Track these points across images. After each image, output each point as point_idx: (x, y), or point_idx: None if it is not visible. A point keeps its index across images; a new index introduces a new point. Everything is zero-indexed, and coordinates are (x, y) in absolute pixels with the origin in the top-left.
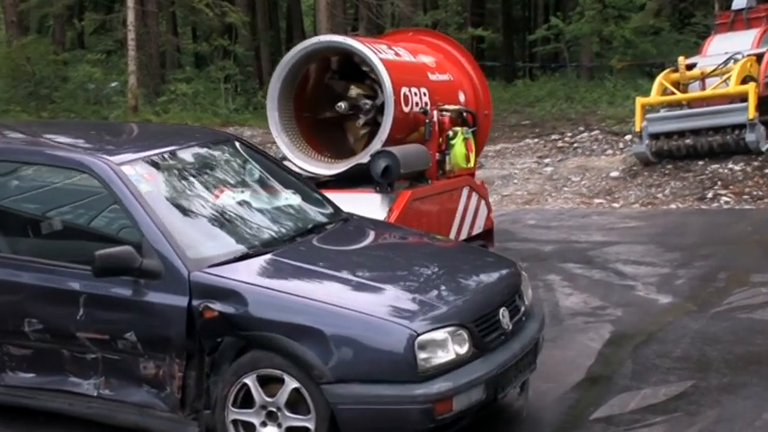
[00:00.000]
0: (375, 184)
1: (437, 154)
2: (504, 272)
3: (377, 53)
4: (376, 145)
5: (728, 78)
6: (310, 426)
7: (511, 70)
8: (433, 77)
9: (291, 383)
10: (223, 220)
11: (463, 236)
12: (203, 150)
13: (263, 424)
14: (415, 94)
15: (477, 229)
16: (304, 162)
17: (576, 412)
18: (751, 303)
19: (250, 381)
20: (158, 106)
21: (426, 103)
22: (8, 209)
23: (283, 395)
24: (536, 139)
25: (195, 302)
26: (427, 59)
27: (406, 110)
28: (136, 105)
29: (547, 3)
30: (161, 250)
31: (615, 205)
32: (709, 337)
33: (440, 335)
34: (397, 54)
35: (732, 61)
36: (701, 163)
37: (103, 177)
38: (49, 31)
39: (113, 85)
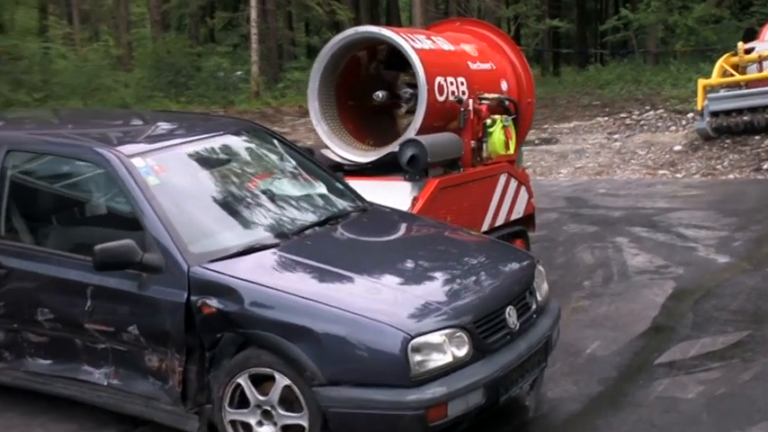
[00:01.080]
0: (404, 172)
1: (473, 142)
2: (515, 268)
3: (411, 42)
4: (410, 133)
5: None
6: (304, 423)
7: (584, 57)
8: (473, 66)
9: (283, 381)
10: (232, 213)
11: (500, 222)
12: (223, 141)
13: (260, 423)
14: (452, 83)
15: (517, 215)
16: (342, 149)
17: (641, 357)
18: None
19: (243, 380)
20: (276, 91)
21: (464, 92)
22: (24, 198)
23: (276, 393)
24: (606, 118)
25: (194, 298)
26: (469, 48)
27: (441, 99)
28: (257, 91)
29: None
30: (162, 244)
31: (678, 176)
32: (764, 293)
33: (435, 338)
34: (435, 44)
35: None
36: (757, 138)
37: (112, 169)
38: (185, 28)
39: (238, 73)
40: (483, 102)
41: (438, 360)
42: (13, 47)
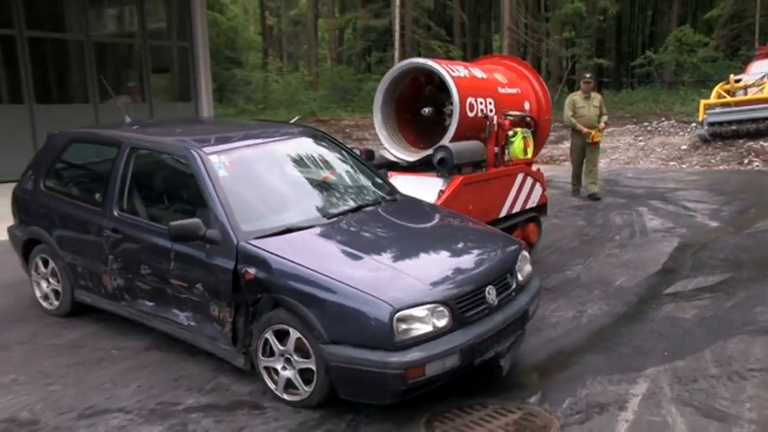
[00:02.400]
0: (437, 170)
1: (496, 148)
2: (500, 254)
3: (449, 72)
4: (444, 141)
5: (762, 88)
6: (313, 367)
7: (618, 84)
8: (502, 90)
9: (295, 335)
10: (280, 200)
11: (516, 209)
12: (288, 143)
13: (284, 368)
14: (481, 102)
15: (531, 204)
16: (397, 150)
17: (654, 289)
18: None
19: (269, 335)
20: None
21: (491, 110)
22: (138, 182)
23: (291, 344)
24: (633, 125)
25: (239, 266)
26: (500, 77)
27: (471, 115)
28: None
29: (644, 41)
30: (221, 222)
31: (683, 166)
32: (742, 248)
33: (418, 311)
34: (470, 73)
35: (765, 77)
36: (740, 141)
37: (194, 163)
38: (352, 62)
39: None
40: (507, 117)
41: (420, 329)
42: (247, 75)
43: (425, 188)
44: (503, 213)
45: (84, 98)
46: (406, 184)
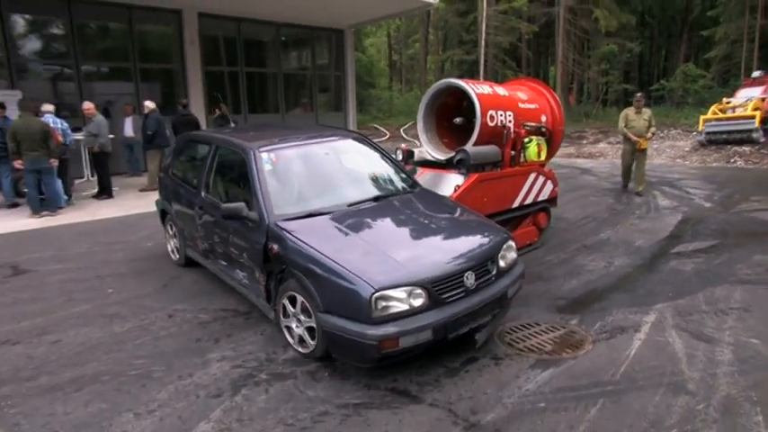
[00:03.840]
0: (458, 168)
1: (512, 152)
2: (483, 244)
3: (474, 90)
4: (468, 145)
5: (746, 108)
6: (314, 325)
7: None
8: (522, 106)
9: (300, 299)
10: (311, 190)
11: (528, 201)
12: (329, 143)
13: (297, 326)
14: (501, 115)
15: (543, 197)
16: (434, 151)
17: (663, 249)
18: (749, 209)
19: (285, 301)
20: None
21: (510, 121)
22: (218, 172)
23: (298, 307)
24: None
25: (269, 243)
26: (522, 95)
27: (491, 125)
28: None
29: (659, 72)
30: (259, 206)
31: (686, 163)
32: (728, 222)
33: (396, 292)
34: (493, 91)
35: (749, 100)
36: (729, 146)
37: (248, 158)
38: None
39: None
40: (525, 127)
41: (398, 307)
42: (378, 94)
43: (448, 182)
44: (515, 204)
45: (276, 109)
46: (435, 179)
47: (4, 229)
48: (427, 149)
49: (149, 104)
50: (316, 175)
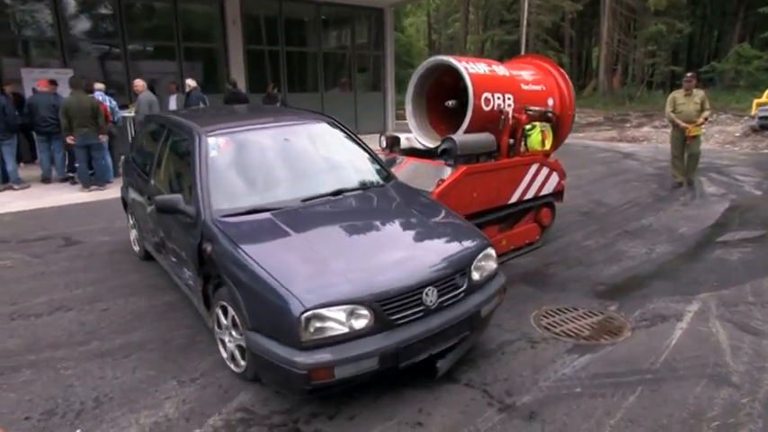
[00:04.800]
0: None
1: (511, 140)
2: (451, 254)
3: (467, 69)
4: (459, 132)
5: None
6: (243, 344)
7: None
8: (525, 88)
9: (231, 312)
10: (261, 182)
11: (529, 196)
12: (294, 128)
13: (229, 341)
14: (498, 98)
15: (546, 191)
16: (423, 138)
17: (708, 237)
18: None
19: (218, 310)
20: None
21: (509, 105)
22: (168, 159)
23: (229, 319)
24: None
25: (203, 242)
26: (526, 75)
27: (487, 109)
28: None
29: (710, 54)
30: (197, 199)
31: (736, 149)
32: None
33: (333, 311)
34: (491, 70)
35: None
36: None
37: (193, 142)
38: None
39: None
40: (527, 112)
41: (335, 330)
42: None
43: (432, 175)
44: (513, 200)
45: (315, 89)
46: (418, 170)
47: (57, 202)
48: (416, 136)
49: (191, 83)
50: (269, 165)
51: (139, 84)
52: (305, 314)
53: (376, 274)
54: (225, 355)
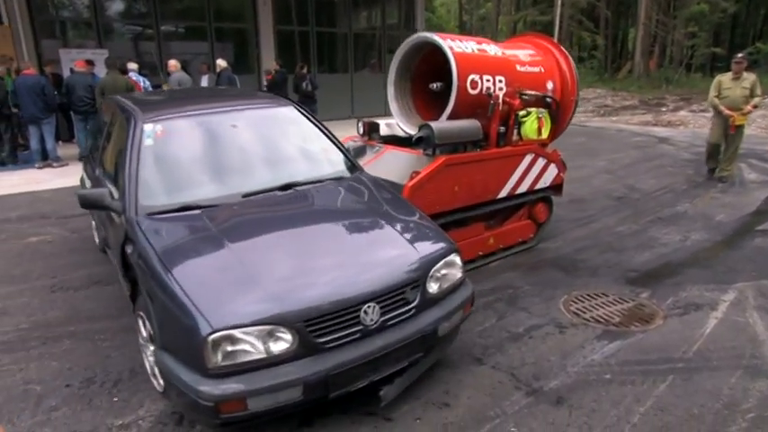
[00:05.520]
0: (423, 148)
1: (502, 128)
2: (401, 264)
3: (451, 47)
4: (443, 118)
5: None
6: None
7: (728, 68)
8: (521, 69)
9: (147, 326)
10: (197, 175)
11: (522, 190)
12: (244, 112)
13: (150, 356)
14: (487, 80)
15: (543, 184)
16: (405, 124)
17: (747, 226)
18: None
19: (139, 320)
20: None
21: (501, 89)
22: (112, 146)
23: (146, 332)
24: None
25: (126, 243)
26: (522, 55)
27: (473, 92)
28: None
29: (755, 34)
30: (124, 193)
31: None
32: None
33: (245, 333)
34: (481, 49)
35: None
36: None
37: (128, 129)
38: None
39: None
40: (522, 97)
41: (249, 354)
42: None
43: (409, 164)
44: (503, 194)
45: (345, 69)
46: (394, 161)
47: None
48: (398, 122)
49: (221, 63)
50: (211, 155)
51: (173, 63)
52: (212, 336)
53: (304, 289)
54: (148, 369)
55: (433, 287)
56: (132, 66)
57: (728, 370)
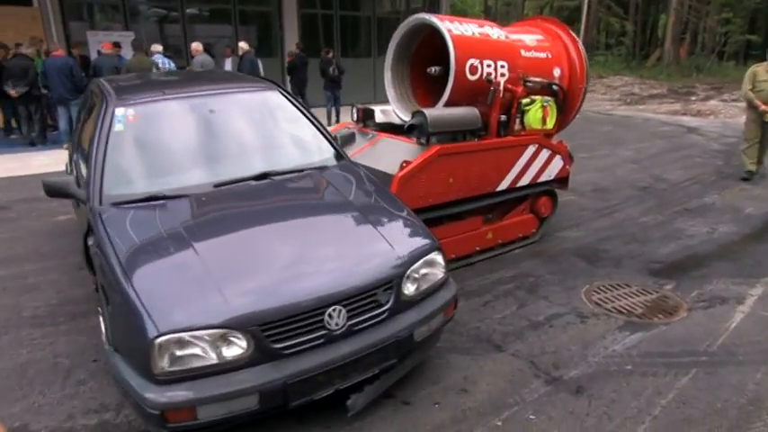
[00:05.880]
0: (416, 137)
1: (503, 116)
2: (373, 263)
3: (450, 30)
4: (439, 105)
5: None
6: None
7: (763, 56)
8: (525, 54)
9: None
10: (167, 163)
11: (524, 183)
12: (223, 96)
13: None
14: (489, 65)
15: (547, 177)
16: (402, 111)
17: None
18: None
19: (100, 316)
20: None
21: (503, 75)
22: (86, 128)
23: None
24: None
25: (88, 234)
26: (528, 39)
27: (473, 78)
28: None
29: None
30: (89, 182)
31: None
32: None
33: (195, 338)
34: (483, 33)
35: None
36: None
37: (101, 112)
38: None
39: None
40: (526, 84)
41: (200, 360)
42: None
43: (401, 154)
44: (502, 187)
45: (368, 54)
46: (387, 149)
47: None
48: (394, 108)
49: (243, 45)
50: (184, 141)
51: (195, 46)
52: (159, 339)
53: (262, 291)
54: None
55: (409, 288)
56: (157, 48)
57: (754, 365)
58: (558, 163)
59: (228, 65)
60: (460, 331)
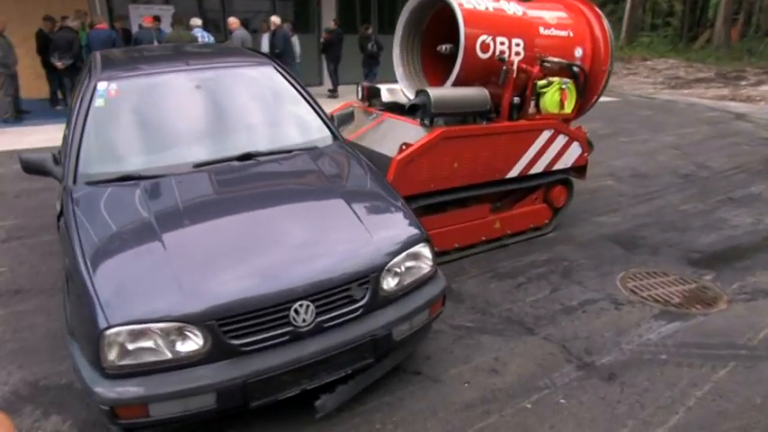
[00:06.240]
0: (420, 118)
1: (516, 98)
2: (349, 255)
3: (461, 4)
4: (447, 84)
5: None
6: None
7: None
8: (545, 32)
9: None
10: (148, 141)
11: (536, 170)
12: (213, 71)
13: None
14: (502, 43)
15: (562, 165)
16: (409, 90)
17: None
18: None
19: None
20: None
21: (518, 53)
22: (72, 104)
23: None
24: None
25: (61, 214)
26: (548, 16)
27: (484, 56)
28: (621, 46)
29: None
30: (66, 159)
31: None
32: None
33: (145, 331)
34: (497, 8)
35: None
36: None
37: (82, 87)
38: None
39: None
40: (543, 64)
41: (153, 354)
42: None
43: (405, 135)
44: (513, 174)
45: None
46: (390, 130)
47: None
48: (402, 87)
49: (275, 20)
50: (167, 118)
51: (233, 21)
52: (108, 331)
53: (223, 283)
54: None
55: (390, 283)
56: (197, 22)
57: None
58: (575, 150)
59: (265, 40)
60: (492, 312)
